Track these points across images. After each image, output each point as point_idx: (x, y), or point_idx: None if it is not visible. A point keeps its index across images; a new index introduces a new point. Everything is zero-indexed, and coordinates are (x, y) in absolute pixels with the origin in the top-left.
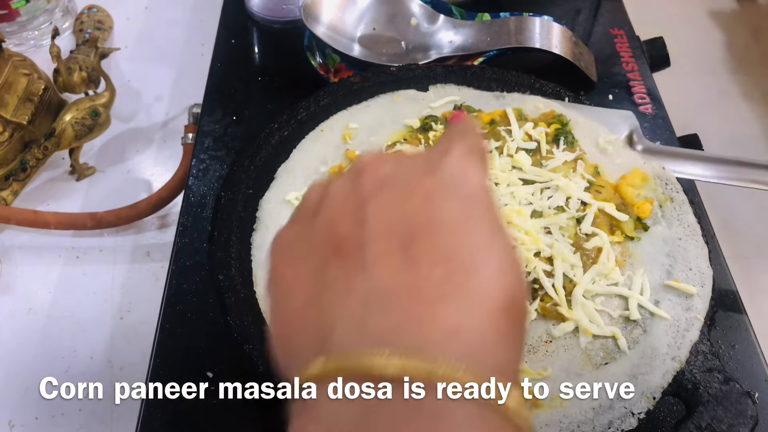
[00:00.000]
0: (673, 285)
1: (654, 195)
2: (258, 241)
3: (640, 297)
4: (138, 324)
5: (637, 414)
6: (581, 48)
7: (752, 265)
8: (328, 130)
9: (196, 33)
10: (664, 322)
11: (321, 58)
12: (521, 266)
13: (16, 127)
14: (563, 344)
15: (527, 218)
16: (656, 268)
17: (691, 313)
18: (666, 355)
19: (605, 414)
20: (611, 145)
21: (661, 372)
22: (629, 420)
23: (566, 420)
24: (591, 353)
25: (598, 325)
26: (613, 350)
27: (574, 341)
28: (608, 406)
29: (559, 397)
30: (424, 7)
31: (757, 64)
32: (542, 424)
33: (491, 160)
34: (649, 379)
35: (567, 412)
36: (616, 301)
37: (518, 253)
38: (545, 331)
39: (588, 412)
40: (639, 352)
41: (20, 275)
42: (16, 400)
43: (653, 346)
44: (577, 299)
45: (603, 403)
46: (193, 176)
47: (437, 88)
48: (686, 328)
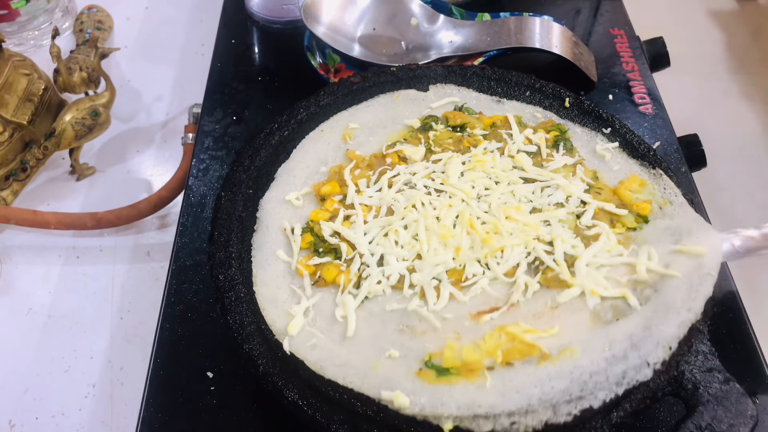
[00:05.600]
0: (681, 249)
1: (653, 198)
2: (258, 242)
3: (648, 262)
4: (138, 324)
5: (653, 364)
6: (581, 48)
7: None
8: (329, 131)
9: (196, 33)
10: (675, 280)
11: (321, 58)
12: None
13: (16, 127)
14: (570, 308)
15: (526, 213)
16: (662, 244)
17: (703, 270)
18: (680, 308)
19: (619, 364)
20: (609, 153)
21: (676, 323)
22: (644, 371)
23: (577, 371)
24: (600, 313)
25: (605, 287)
26: (624, 309)
27: (581, 304)
28: (622, 356)
29: (569, 349)
30: (424, 7)
31: (757, 64)
32: (552, 377)
33: (492, 160)
34: (663, 329)
35: (578, 363)
36: (623, 269)
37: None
38: (550, 298)
39: (600, 362)
40: (651, 307)
41: (20, 275)
42: (16, 400)
43: (666, 301)
44: (580, 269)
45: (616, 354)
46: (193, 176)
47: (437, 88)
48: (699, 283)
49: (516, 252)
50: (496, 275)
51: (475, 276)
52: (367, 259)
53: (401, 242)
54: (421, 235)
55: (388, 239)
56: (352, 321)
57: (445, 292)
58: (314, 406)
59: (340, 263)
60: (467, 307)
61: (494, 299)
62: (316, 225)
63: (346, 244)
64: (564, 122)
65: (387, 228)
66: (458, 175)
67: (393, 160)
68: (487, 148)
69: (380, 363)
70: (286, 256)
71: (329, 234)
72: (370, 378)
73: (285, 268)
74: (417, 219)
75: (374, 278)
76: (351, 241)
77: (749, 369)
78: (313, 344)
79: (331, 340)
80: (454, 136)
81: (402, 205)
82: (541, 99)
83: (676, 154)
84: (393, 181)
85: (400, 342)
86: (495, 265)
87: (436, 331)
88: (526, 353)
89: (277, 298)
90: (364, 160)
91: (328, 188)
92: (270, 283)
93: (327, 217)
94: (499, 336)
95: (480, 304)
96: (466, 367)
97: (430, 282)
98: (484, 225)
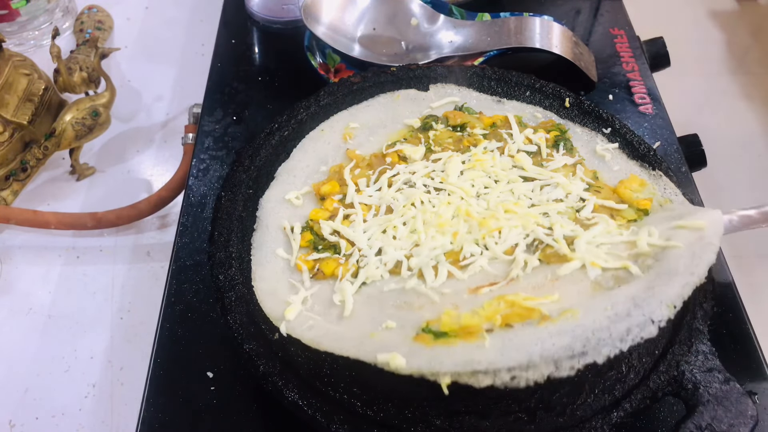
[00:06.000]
0: (682, 224)
1: (653, 197)
2: (258, 241)
3: (649, 237)
4: (138, 324)
5: (657, 321)
6: (581, 48)
7: (752, 265)
8: (329, 130)
9: (196, 33)
10: (677, 250)
11: (321, 58)
12: None
13: (16, 127)
14: (571, 279)
15: (525, 208)
16: (662, 224)
17: (705, 240)
18: (684, 272)
19: (622, 322)
20: (609, 153)
21: (680, 284)
22: (649, 328)
23: (579, 329)
24: (602, 282)
25: (605, 260)
26: (626, 278)
27: (582, 275)
28: (625, 314)
29: (569, 311)
30: (424, 7)
31: (757, 64)
32: (552, 334)
33: (492, 159)
34: (666, 290)
35: (580, 322)
36: (623, 246)
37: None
38: (550, 272)
39: (603, 321)
40: (654, 273)
41: (20, 275)
42: (16, 400)
43: (669, 268)
44: (580, 246)
45: (619, 312)
46: (193, 176)
47: (438, 88)
48: (701, 251)
49: (514, 233)
50: (495, 254)
51: (473, 256)
52: (366, 252)
53: (399, 237)
54: (418, 227)
55: (386, 235)
56: (349, 303)
57: (443, 270)
58: (314, 406)
59: (339, 257)
60: (466, 284)
61: (493, 276)
62: (315, 224)
63: (345, 241)
64: (564, 122)
65: (385, 225)
66: (458, 174)
67: (393, 159)
68: (487, 147)
69: (377, 333)
70: (286, 254)
71: (329, 233)
72: (366, 345)
73: (284, 265)
74: (415, 215)
75: (372, 265)
76: (350, 239)
77: (749, 369)
78: (310, 326)
79: (328, 322)
80: (454, 136)
81: (401, 203)
82: (542, 99)
83: (676, 154)
84: (393, 180)
85: (398, 316)
86: (493, 245)
87: (434, 305)
88: (525, 316)
89: (275, 290)
90: (364, 159)
91: (327, 188)
92: (269, 279)
93: (327, 216)
94: (498, 303)
95: (479, 281)
96: (464, 330)
97: (428, 263)
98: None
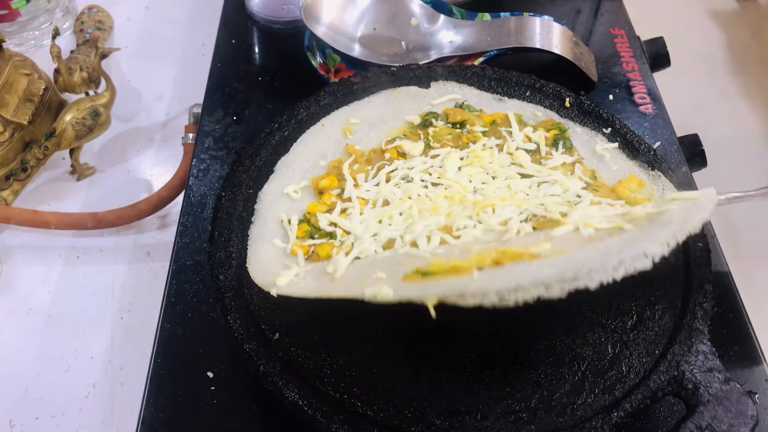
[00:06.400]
0: (677, 197)
1: (652, 197)
2: (255, 233)
3: (644, 208)
4: (138, 324)
5: (651, 255)
6: (581, 48)
7: (752, 265)
8: (329, 125)
9: (196, 33)
10: (670, 212)
11: (321, 58)
12: None
13: (16, 127)
14: (564, 239)
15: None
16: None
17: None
18: (677, 223)
19: (614, 256)
20: (608, 153)
21: (672, 230)
22: (642, 260)
23: (570, 261)
24: (596, 239)
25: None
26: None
27: (575, 236)
28: (617, 251)
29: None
30: (424, 7)
31: (757, 64)
32: (543, 266)
33: (491, 156)
34: (659, 232)
35: (570, 256)
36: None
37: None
38: (543, 235)
39: (594, 257)
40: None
41: (20, 275)
42: (16, 400)
43: (662, 222)
44: (574, 217)
45: (611, 250)
46: (193, 176)
47: (439, 85)
48: (695, 210)
49: (508, 210)
50: (490, 226)
51: (466, 228)
52: (361, 236)
53: (394, 225)
54: (413, 215)
55: (381, 224)
56: (341, 268)
57: (436, 239)
58: (314, 406)
59: (335, 242)
60: (458, 248)
61: (486, 243)
62: (312, 216)
63: (341, 230)
64: (564, 122)
65: (381, 216)
66: (455, 169)
67: (392, 155)
68: (486, 144)
69: (367, 282)
70: (282, 243)
71: (326, 224)
72: (355, 289)
73: (280, 252)
74: (411, 206)
75: (366, 242)
76: (346, 229)
77: (749, 369)
78: (301, 287)
79: (320, 284)
80: (453, 133)
81: (398, 197)
82: (542, 99)
83: (676, 154)
84: (391, 175)
85: (389, 270)
86: (487, 219)
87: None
88: (516, 258)
89: (269, 269)
90: (363, 155)
91: (326, 182)
92: (264, 262)
93: (324, 210)
94: (489, 252)
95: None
96: (454, 270)
97: (421, 233)
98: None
